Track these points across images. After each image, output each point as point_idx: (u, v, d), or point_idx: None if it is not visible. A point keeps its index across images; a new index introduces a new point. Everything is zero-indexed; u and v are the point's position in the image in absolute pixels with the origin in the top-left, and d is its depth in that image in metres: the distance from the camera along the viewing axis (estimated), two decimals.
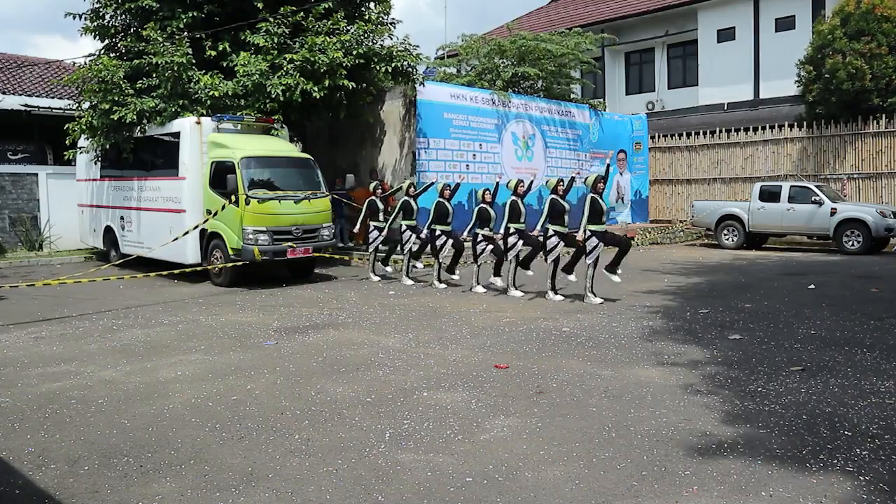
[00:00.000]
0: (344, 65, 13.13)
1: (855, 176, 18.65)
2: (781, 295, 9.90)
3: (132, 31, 14.25)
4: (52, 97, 18.48)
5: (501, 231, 10.21)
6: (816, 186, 16.48)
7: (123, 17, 14.31)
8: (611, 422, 4.74)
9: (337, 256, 13.16)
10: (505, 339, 7.31)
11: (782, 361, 6.24)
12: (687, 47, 25.22)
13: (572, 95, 20.71)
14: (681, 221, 20.39)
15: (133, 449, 4.39)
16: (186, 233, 11.43)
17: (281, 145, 12.58)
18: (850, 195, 18.39)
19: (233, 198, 11.01)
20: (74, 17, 14.30)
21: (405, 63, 14.30)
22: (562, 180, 10.03)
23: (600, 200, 9.30)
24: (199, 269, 11.56)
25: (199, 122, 11.99)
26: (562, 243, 9.68)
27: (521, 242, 10.05)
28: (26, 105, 17.62)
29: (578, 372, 5.98)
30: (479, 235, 10.55)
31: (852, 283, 10.94)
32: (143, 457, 4.26)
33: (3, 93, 17.75)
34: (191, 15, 13.46)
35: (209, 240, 11.71)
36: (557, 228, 9.59)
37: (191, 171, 11.86)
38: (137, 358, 6.74)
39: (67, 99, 17.71)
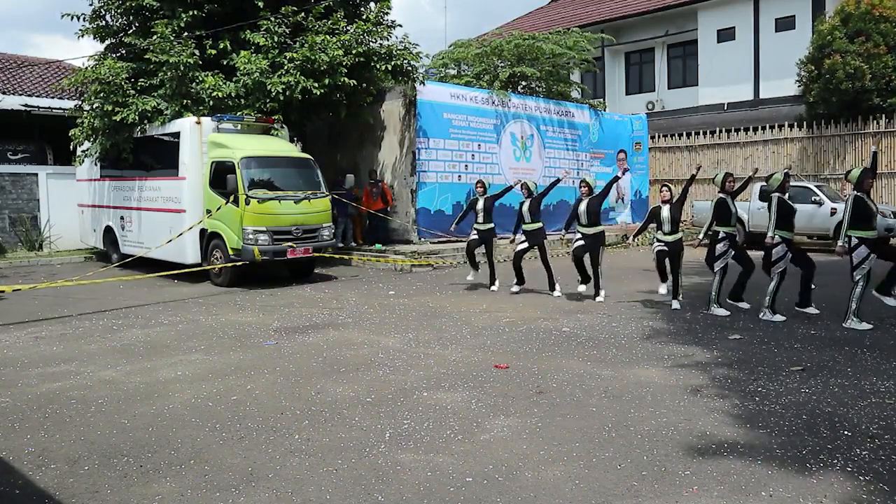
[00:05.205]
0: (344, 63, 13.15)
1: None
2: (781, 295, 9.88)
3: (132, 31, 14.25)
4: (52, 97, 18.46)
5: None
6: (816, 186, 16.47)
7: (124, 17, 14.30)
8: (611, 422, 4.73)
9: (337, 256, 13.16)
10: (505, 339, 7.31)
11: (782, 361, 6.24)
12: (687, 47, 25.23)
13: (573, 95, 20.69)
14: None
15: (133, 449, 4.39)
16: (181, 234, 11.42)
17: (281, 145, 12.57)
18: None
19: (231, 198, 11.01)
20: (72, 18, 14.29)
21: (405, 61, 14.32)
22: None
23: (868, 201, 7.63)
24: (198, 269, 11.57)
25: (199, 122, 11.99)
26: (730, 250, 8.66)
27: (731, 250, 8.75)
28: (26, 105, 17.60)
29: (578, 372, 5.98)
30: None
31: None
32: (143, 457, 4.26)
33: (3, 93, 17.72)
34: (191, 14, 13.46)
35: (209, 240, 11.70)
36: (784, 234, 8.26)
37: (191, 171, 11.86)
38: (137, 358, 6.74)
39: (68, 99, 17.71)
